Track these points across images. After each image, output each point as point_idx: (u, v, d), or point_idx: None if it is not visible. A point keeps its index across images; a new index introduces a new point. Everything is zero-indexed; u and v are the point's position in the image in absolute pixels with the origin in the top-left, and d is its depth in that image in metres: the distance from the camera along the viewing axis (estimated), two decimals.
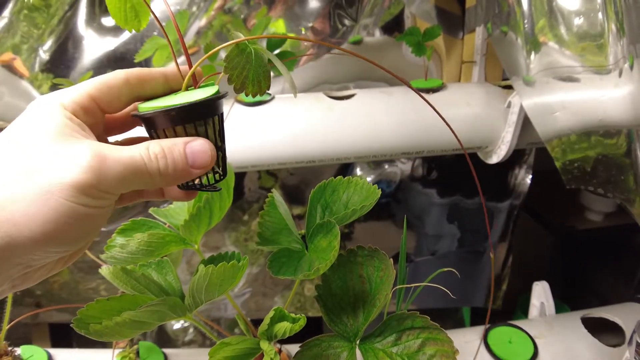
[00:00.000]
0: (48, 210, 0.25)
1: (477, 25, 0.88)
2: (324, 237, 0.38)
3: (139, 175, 0.28)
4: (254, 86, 0.32)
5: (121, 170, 0.27)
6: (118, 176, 0.27)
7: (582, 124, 0.61)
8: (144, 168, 0.28)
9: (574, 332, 0.64)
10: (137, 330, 0.32)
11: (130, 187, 0.28)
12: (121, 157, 0.27)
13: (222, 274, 0.32)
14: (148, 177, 0.28)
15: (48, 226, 0.25)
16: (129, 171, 0.27)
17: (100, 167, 0.26)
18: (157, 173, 0.28)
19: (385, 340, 0.37)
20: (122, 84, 0.30)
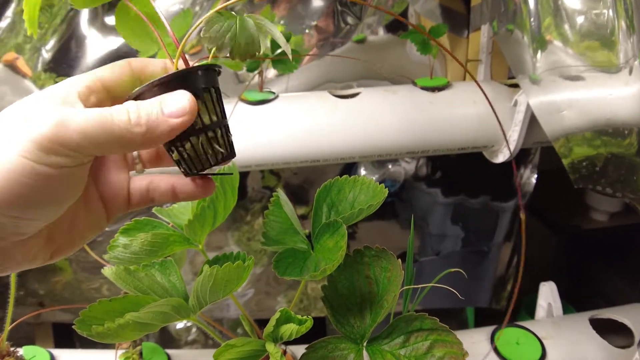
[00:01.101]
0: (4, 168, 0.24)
1: (482, 23, 0.87)
2: (331, 237, 0.38)
3: (105, 127, 0.25)
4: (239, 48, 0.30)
5: (84, 122, 0.25)
6: (81, 128, 0.25)
7: (590, 122, 0.60)
8: (111, 119, 0.26)
9: (582, 333, 0.63)
10: (140, 332, 0.31)
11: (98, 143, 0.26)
12: (87, 111, 0.26)
13: (227, 275, 0.31)
14: (115, 129, 0.26)
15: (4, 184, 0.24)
16: (94, 123, 0.25)
17: (61, 121, 0.25)
18: (127, 125, 0.26)
19: (393, 342, 0.36)
20: (125, 67, 0.30)
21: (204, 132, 0.30)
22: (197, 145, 0.30)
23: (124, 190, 0.33)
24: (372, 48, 1.07)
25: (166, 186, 0.33)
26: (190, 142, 0.30)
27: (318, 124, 0.69)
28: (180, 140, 0.30)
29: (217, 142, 0.31)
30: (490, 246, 1.09)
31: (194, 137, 0.30)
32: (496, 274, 1.12)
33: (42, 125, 0.24)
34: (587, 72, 0.59)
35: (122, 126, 0.26)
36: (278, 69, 0.74)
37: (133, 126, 0.26)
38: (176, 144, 0.30)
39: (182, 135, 0.29)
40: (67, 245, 0.31)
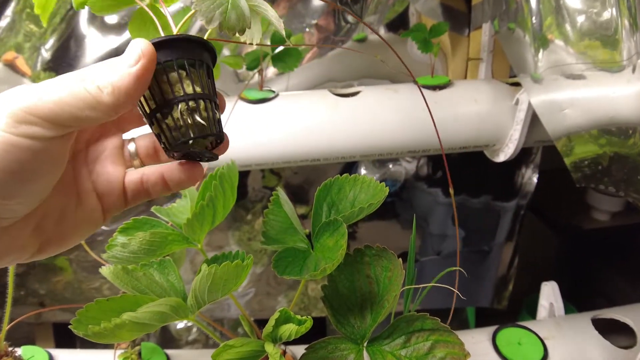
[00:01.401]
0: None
1: (483, 21, 0.86)
2: (331, 236, 0.37)
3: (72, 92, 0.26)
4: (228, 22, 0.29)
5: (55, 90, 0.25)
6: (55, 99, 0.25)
7: (593, 121, 0.60)
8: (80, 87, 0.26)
9: (585, 334, 0.62)
10: (137, 332, 0.31)
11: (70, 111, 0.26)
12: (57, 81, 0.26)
13: (225, 274, 0.31)
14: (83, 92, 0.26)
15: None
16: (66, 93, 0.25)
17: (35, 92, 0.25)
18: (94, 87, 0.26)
19: (393, 343, 0.36)
20: None
21: (184, 100, 0.29)
22: (176, 113, 0.29)
23: (119, 185, 0.33)
24: (373, 47, 1.07)
25: (156, 176, 0.33)
26: (170, 113, 0.29)
27: (318, 123, 0.69)
28: (161, 109, 0.29)
29: (199, 114, 0.29)
30: (492, 246, 1.08)
31: (174, 105, 0.29)
32: (498, 274, 1.12)
33: (17, 99, 0.25)
34: (590, 70, 0.59)
35: (89, 89, 0.26)
36: (278, 67, 0.74)
37: (101, 88, 0.26)
38: (155, 114, 0.30)
39: (162, 103, 0.29)
40: (57, 238, 0.30)
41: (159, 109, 0.29)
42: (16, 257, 0.28)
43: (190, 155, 0.32)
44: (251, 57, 0.74)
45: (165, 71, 0.29)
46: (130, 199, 0.33)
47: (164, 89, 0.29)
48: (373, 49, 1.07)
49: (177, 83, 0.29)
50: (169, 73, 0.29)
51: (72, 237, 0.31)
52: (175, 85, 0.29)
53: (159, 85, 0.29)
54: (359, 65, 1.04)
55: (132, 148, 0.34)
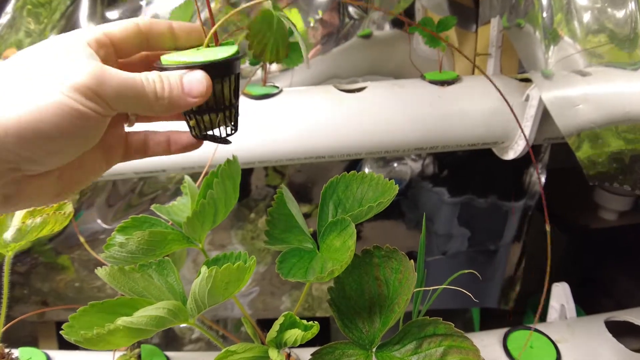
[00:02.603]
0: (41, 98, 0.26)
1: (492, 16, 0.84)
2: (338, 236, 0.35)
3: (136, 92, 0.30)
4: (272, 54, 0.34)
5: (120, 83, 0.29)
6: (116, 87, 0.29)
7: (607, 117, 0.58)
8: (141, 86, 0.30)
9: (598, 336, 0.61)
10: (132, 338, 0.29)
11: (128, 103, 0.30)
12: (121, 73, 0.29)
13: (227, 277, 0.29)
14: (144, 96, 0.30)
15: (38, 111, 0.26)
16: (127, 86, 0.29)
17: (101, 76, 0.28)
18: (153, 94, 0.30)
19: (404, 349, 0.34)
20: (133, 26, 0.33)
21: (222, 111, 0.35)
22: (215, 120, 0.35)
23: (122, 140, 0.36)
24: (378, 43, 1.05)
25: (162, 138, 0.37)
26: (209, 116, 0.35)
27: (323, 119, 0.67)
28: (202, 112, 0.34)
29: (229, 120, 0.36)
30: (499, 246, 1.07)
31: (213, 114, 0.35)
32: (505, 274, 1.10)
33: (84, 75, 0.27)
34: (603, 66, 0.57)
35: (150, 95, 0.30)
36: (282, 62, 0.72)
37: (158, 98, 0.30)
38: (196, 115, 0.35)
39: (206, 109, 0.34)
40: (72, 185, 0.33)
41: (200, 112, 0.34)
42: (39, 200, 0.32)
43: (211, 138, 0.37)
44: None
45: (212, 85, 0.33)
46: (130, 154, 0.37)
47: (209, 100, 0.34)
48: (378, 45, 1.05)
49: (220, 95, 0.34)
50: (215, 86, 0.33)
51: (84, 181, 0.34)
52: (218, 97, 0.34)
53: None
54: (363, 62, 1.03)
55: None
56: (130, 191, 0.97)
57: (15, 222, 0.44)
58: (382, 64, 1.03)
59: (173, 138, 0.37)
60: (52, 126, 0.27)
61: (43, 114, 0.26)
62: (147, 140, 0.37)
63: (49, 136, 0.27)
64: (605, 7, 0.56)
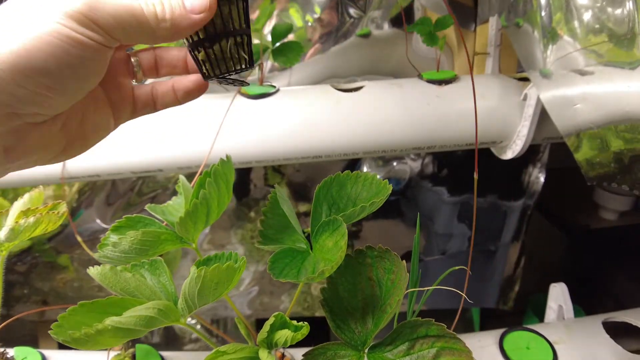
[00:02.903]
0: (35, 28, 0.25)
1: (490, 15, 0.84)
2: (330, 236, 0.35)
3: (135, 16, 0.28)
4: None
5: (117, 8, 0.27)
6: (113, 12, 0.27)
7: (606, 116, 0.57)
8: (140, 9, 0.28)
9: (596, 338, 0.60)
10: (121, 339, 0.29)
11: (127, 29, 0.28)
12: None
13: (216, 277, 0.29)
14: (145, 20, 0.28)
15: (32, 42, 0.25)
16: (125, 11, 0.27)
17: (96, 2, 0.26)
18: (154, 16, 0.28)
19: (396, 350, 0.34)
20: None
21: (233, 35, 0.31)
22: (225, 47, 0.32)
23: (129, 95, 0.35)
24: (377, 43, 1.05)
25: (167, 87, 0.36)
26: (219, 44, 0.31)
27: (320, 119, 0.67)
28: (211, 40, 0.31)
29: (242, 49, 0.32)
30: (498, 246, 1.06)
31: (224, 40, 0.31)
32: (504, 275, 1.10)
33: (77, 1, 0.26)
34: (602, 66, 0.56)
35: (150, 19, 0.28)
36: (279, 61, 0.72)
37: (159, 21, 0.29)
38: (205, 43, 0.32)
39: (214, 35, 0.31)
40: (79, 139, 0.32)
41: (208, 39, 0.31)
42: (43, 155, 0.30)
43: (223, 80, 0.34)
44: None
45: (219, 6, 0.30)
46: (139, 109, 0.36)
47: (216, 22, 0.31)
48: (377, 44, 1.05)
49: (228, 18, 0.31)
50: (222, 7, 0.30)
51: (90, 139, 0.33)
52: (227, 19, 0.31)
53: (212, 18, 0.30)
54: (362, 61, 1.03)
55: (134, 62, 0.36)
56: (130, 190, 0.97)
57: (9, 221, 0.44)
58: (381, 63, 1.03)
59: (177, 84, 0.36)
60: (49, 56, 0.25)
61: (38, 45, 0.25)
62: (153, 92, 0.36)
63: (46, 69, 0.25)
64: (603, 5, 0.55)
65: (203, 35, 0.31)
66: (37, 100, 0.26)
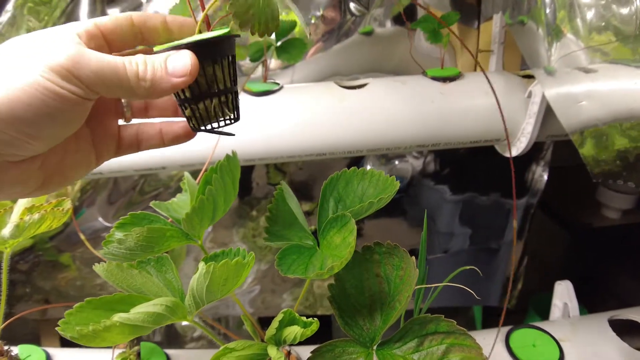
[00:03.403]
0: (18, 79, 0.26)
1: (494, 12, 0.84)
2: (338, 233, 0.35)
3: (116, 73, 0.28)
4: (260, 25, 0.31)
5: (100, 65, 0.28)
6: (95, 68, 0.28)
7: (611, 113, 0.57)
8: (122, 67, 0.29)
9: (601, 335, 0.60)
10: (129, 335, 0.28)
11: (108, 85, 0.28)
12: (103, 56, 0.28)
13: (225, 273, 0.29)
14: (126, 78, 0.29)
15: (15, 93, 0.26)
16: (108, 68, 0.28)
17: (79, 56, 0.27)
18: (134, 76, 0.29)
19: (405, 346, 0.33)
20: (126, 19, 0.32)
21: (217, 96, 0.32)
22: (210, 107, 0.32)
23: (114, 134, 0.36)
24: (380, 40, 1.05)
25: (154, 130, 0.36)
26: (204, 103, 0.32)
27: (324, 116, 0.67)
28: (196, 100, 0.32)
29: (227, 107, 0.33)
30: (501, 244, 1.06)
31: (208, 100, 0.32)
32: (506, 273, 1.09)
33: (61, 56, 0.27)
34: (608, 63, 0.56)
35: (131, 77, 0.29)
36: (282, 58, 0.72)
37: (140, 80, 0.29)
38: (191, 103, 0.32)
39: (199, 95, 0.32)
40: (58, 175, 0.33)
41: (193, 98, 0.32)
42: (21, 189, 0.31)
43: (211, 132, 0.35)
44: (255, 48, 0.72)
45: (203, 67, 0.31)
46: (123, 149, 0.36)
47: (201, 82, 0.32)
48: (380, 42, 1.04)
49: (213, 79, 0.32)
50: (206, 69, 0.31)
51: (70, 175, 0.34)
52: (211, 80, 0.32)
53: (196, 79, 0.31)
54: (364, 59, 1.02)
55: (124, 102, 0.37)
56: (132, 189, 0.97)
57: (14, 218, 0.44)
58: (383, 61, 1.03)
59: (165, 129, 0.36)
60: (29, 107, 0.26)
61: (20, 95, 0.26)
62: (139, 133, 0.36)
63: (26, 118, 0.26)
64: (609, 3, 0.55)
65: (189, 95, 0.32)
66: (16, 144, 0.27)
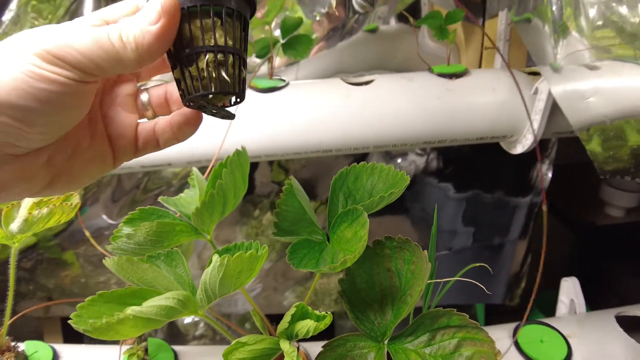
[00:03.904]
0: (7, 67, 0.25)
1: (499, 10, 0.84)
2: (349, 227, 0.35)
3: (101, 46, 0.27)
4: None
5: (82, 41, 0.27)
6: (80, 47, 0.26)
7: (618, 110, 0.57)
8: (107, 38, 0.27)
9: (609, 331, 0.60)
10: (142, 328, 0.28)
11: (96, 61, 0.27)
12: (86, 31, 0.27)
13: (239, 265, 0.29)
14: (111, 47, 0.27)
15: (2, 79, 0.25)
16: (92, 42, 0.27)
17: (60, 37, 0.26)
18: (119, 41, 0.27)
19: (417, 340, 0.33)
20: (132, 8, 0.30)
21: (213, 51, 0.27)
22: (202, 63, 0.28)
23: (132, 132, 0.34)
24: (384, 38, 1.04)
25: (165, 121, 0.34)
26: (196, 61, 0.28)
27: (330, 112, 0.66)
28: (187, 54, 0.28)
29: (224, 69, 0.28)
30: (505, 242, 1.06)
31: (201, 54, 0.28)
32: (511, 271, 1.09)
33: (44, 41, 0.26)
34: (615, 60, 0.56)
35: (116, 45, 0.27)
36: (289, 54, 0.71)
37: (125, 44, 0.27)
38: (181, 57, 0.28)
39: (190, 48, 0.28)
40: (67, 174, 0.31)
41: (185, 53, 0.28)
42: (26, 188, 0.29)
43: (205, 108, 0.30)
44: (261, 44, 0.72)
45: (200, 15, 0.27)
46: (141, 148, 0.34)
47: (195, 34, 0.27)
48: (384, 40, 1.04)
49: (209, 31, 0.27)
50: (203, 18, 0.27)
51: (81, 175, 0.32)
52: (207, 32, 0.27)
53: (190, 28, 0.27)
54: (369, 56, 1.02)
55: (144, 98, 0.35)
56: (135, 187, 0.97)
57: (22, 212, 0.44)
58: (387, 58, 1.03)
59: (173, 119, 0.34)
60: (17, 92, 0.26)
61: (7, 81, 0.25)
62: (156, 129, 0.34)
63: (16, 104, 0.26)
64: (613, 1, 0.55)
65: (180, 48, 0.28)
66: (13, 133, 0.27)
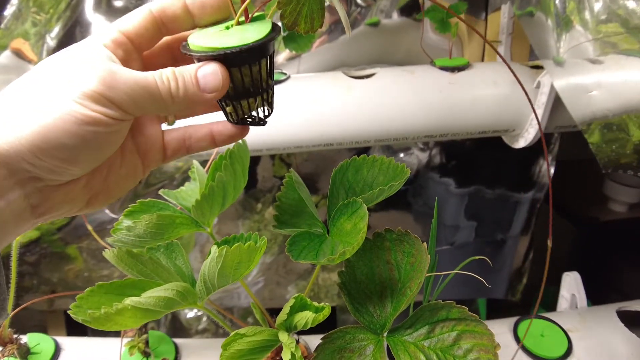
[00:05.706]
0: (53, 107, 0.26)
1: (502, 3, 0.83)
2: (349, 219, 0.35)
3: (151, 93, 0.28)
4: (306, 23, 0.31)
5: (132, 85, 0.28)
6: (128, 90, 0.28)
7: (622, 104, 0.57)
8: (155, 86, 0.29)
9: (610, 326, 0.60)
10: (141, 319, 0.28)
11: (142, 105, 0.29)
12: (133, 74, 0.28)
13: (237, 256, 0.29)
14: (159, 97, 0.29)
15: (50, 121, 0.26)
16: (140, 87, 0.28)
17: (111, 79, 0.27)
18: (168, 94, 0.29)
19: (416, 333, 0.33)
20: (147, 16, 0.31)
21: (260, 94, 0.33)
22: (253, 104, 0.33)
23: (159, 141, 0.35)
24: (386, 31, 1.04)
25: (203, 132, 0.35)
26: (247, 101, 0.33)
27: (332, 106, 0.66)
28: (239, 98, 0.33)
29: (267, 102, 0.34)
30: (507, 238, 1.06)
31: (252, 98, 0.33)
32: (512, 266, 1.09)
33: (93, 80, 0.27)
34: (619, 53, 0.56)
35: (164, 96, 0.29)
36: (290, 47, 0.71)
37: (173, 97, 0.29)
38: (233, 101, 0.33)
39: (243, 94, 0.32)
40: (103, 192, 0.33)
41: (236, 96, 0.32)
42: (68, 209, 0.31)
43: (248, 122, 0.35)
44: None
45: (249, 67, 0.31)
46: (169, 155, 0.35)
47: (246, 82, 0.32)
48: (386, 33, 1.04)
49: (257, 77, 0.32)
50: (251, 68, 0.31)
51: (116, 190, 0.33)
52: (255, 78, 0.32)
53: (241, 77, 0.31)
54: (371, 50, 1.02)
55: None
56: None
57: None
58: (390, 52, 1.02)
59: (217, 129, 0.35)
60: (64, 133, 0.26)
61: (55, 123, 0.26)
62: (186, 137, 0.35)
63: (63, 145, 0.27)
64: None
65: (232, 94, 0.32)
66: (55, 170, 0.28)
